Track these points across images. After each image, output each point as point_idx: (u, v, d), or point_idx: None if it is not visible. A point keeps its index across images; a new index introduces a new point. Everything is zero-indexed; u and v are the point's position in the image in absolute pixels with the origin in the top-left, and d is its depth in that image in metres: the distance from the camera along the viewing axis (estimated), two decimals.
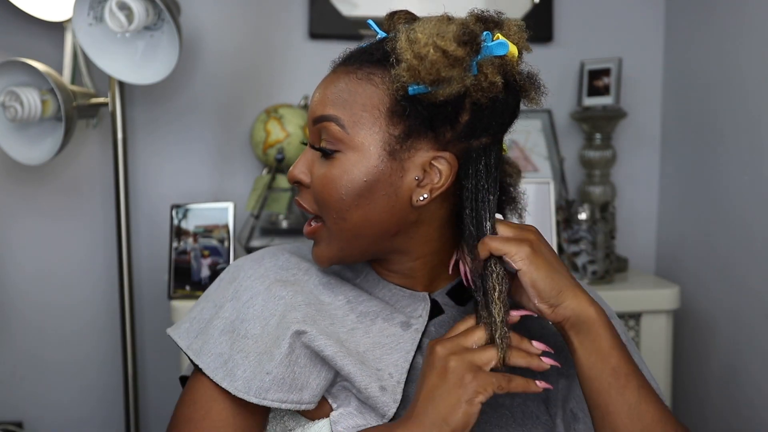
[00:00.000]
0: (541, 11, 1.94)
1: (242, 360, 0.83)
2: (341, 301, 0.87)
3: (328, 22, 1.87)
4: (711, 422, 1.80)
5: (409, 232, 0.85)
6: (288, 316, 0.84)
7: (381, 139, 0.80)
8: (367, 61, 0.83)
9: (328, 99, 0.83)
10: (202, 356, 0.85)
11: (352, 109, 0.81)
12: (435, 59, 0.76)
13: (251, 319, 0.85)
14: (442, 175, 0.81)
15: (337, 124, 0.81)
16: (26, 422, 1.87)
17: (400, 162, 0.81)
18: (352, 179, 0.81)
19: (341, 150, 0.81)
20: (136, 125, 1.85)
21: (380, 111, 0.81)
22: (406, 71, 0.77)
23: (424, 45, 0.76)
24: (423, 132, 0.81)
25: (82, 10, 1.53)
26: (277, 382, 0.81)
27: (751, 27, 1.63)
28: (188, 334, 0.89)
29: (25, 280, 1.85)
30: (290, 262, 0.91)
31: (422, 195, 0.81)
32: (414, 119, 0.80)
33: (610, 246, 1.73)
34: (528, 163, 1.92)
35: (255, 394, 0.81)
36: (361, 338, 0.85)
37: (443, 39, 0.76)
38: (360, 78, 0.82)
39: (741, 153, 1.67)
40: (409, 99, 0.79)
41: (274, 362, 0.81)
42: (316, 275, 0.90)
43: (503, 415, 0.85)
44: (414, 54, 0.77)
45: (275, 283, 0.87)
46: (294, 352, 0.82)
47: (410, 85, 0.78)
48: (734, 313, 1.71)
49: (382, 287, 0.89)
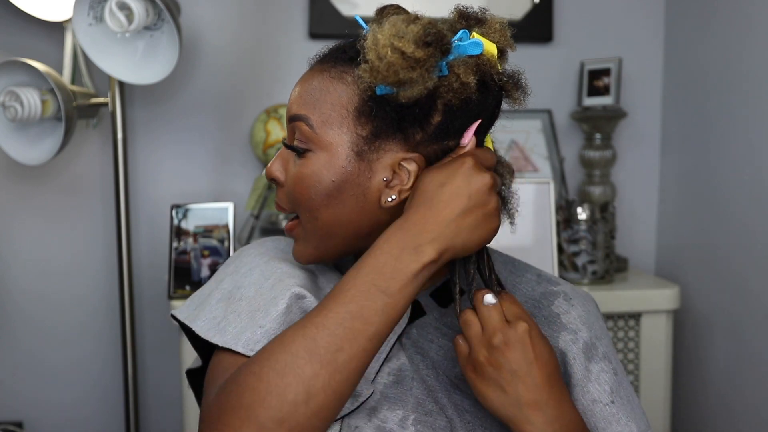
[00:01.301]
0: (541, 11, 1.94)
1: (234, 318, 0.82)
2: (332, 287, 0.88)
3: (328, 22, 1.88)
4: (711, 422, 1.80)
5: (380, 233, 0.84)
6: (286, 280, 0.83)
7: (349, 140, 0.80)
8: (340, 59, 0.82)
9: (301, 98, 0.82)
10: (197, 321, 0.84)
11: (321, 109, 0.81)
12: (392, 60, 0.75)
13: (247, 285, 0.85)
14: (410, 177, 0.80)
15: (306, 124, 0.81)
16: (26, 422, 1.87)
17: (368, 163, 0.80)
18: (321, 179, 0.80)
19: (312, 149, 0.81)
20: (136, 125, 1.85)
21: (348, 111, 0.80)
22: (368, 72, 0.76)
23: (383, 46, 0.75)
24: (391, 133, 0.80)
25: (82, 10, 1.53)
26: (267, 336, 0.79)
27: (751, 27, 1.63)
28: (188, 308, 0.88)
29: (25, 280, 1.85)
30: (291, 247, 0.92)
31: (391, 196, 0.81)
32: (381, 120, 0.79)
33: (610, 246, 1.73)
34: (528, 163, 1.92)
35: (243, 345, 0.79)
36: None
37: (401, 40, 0.75)
38: (332, 77, 0.81)
39: (741, 153, 1.67)
40: (376, 99, 0.79)
41: (269, 318, 0.80)
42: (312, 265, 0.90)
43: (487, 415, 0.83)
44: (375, 55, 0.76)
45: (274, 258, 0.87)
46: (290, 313, 0.81)
47: (377, 86, 0.77)
48: (734, 313, 1.71)
49: None
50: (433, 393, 0.84)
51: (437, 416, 0.83)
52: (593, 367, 0.87)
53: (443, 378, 0.85)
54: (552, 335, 0.88)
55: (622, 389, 0.88)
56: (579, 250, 1.70)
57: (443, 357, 0.86)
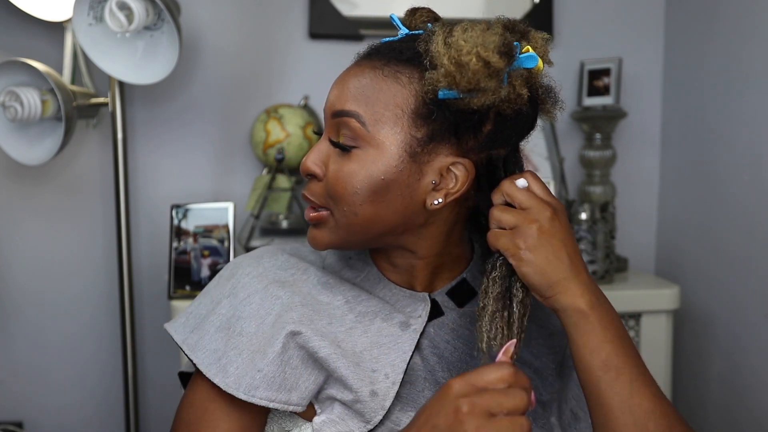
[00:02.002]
0: (541, 11, 1.94)
1: (236, 357, 0.82)
2: (340, 301, 0.87)
3: (328, 22, 1.87)
4: (711, 422, 1.80)
5: (416, 233, 0.84)
6: (284, 316, 0.83)
7: (402, 140, 0.79)
8: (395, 58, 0.81)
9: (350, 93, 0.81)
10: (198, 352, 0.85)
11: (374, 107, 0.80)
12: (477, 69, 0.75)
13: (247, 317, 0.85)
14: (458, 181, 0.81)
15: (357, 121, 0.80)
16: (26, 422, 1.87)
17: (419, 165, 0.80)
18: (370, 176, 0.80)
19: (360, 147, 0.80)
20: (136, 125, 1.85)
21: (404, 111, 0.79)
22: (444, 77, 0.76)
23: (467, 53, 0.75)
24: (446, 137, 0.80)
25: (82, 10, 1.53)
26: (267, 381, 0.81)
27: (751, 27, 1.63)
28: (184, 328, 0.89)
29: (25, 280, 1.85)
30: (289, 262, 0.90)
31: (437, 199, 0.81)
32: (439, 124, 0.79)
33: (610, 246, 1.73)
34: (528, 163, 1.92)
35: (244, 390, 0.81)
36: (359, 337, 0.84)
37: (486, 49, 0.75)
38: (386, 75, 0.80)
39: (741, 153, 1.67)
40: (437, 103, 0.78)
41: (266, 360, 0.81)
42: (314, 275, 0.89)
43: None
44: (454, 60, 0.76)
45: (273, 283, 0.87)
46: (287, 352, 0.82)
47: (441, 90, 0.77)
48: (734, 313, 1.71)
49: (382, 287, 0.89)
50: None
51: None
52: None
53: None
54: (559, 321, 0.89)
55: None
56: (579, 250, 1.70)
57: (457, 359, 0.87)
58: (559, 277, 0.79)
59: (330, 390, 0.84)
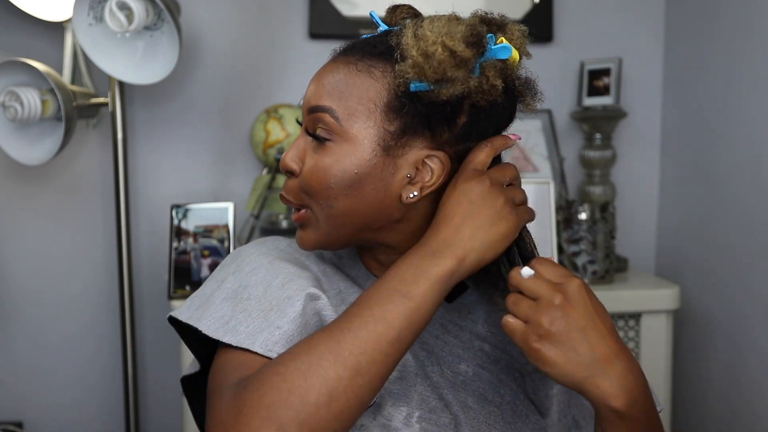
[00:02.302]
0: (541, 11, 1.94)
1: (245, 318, 0.80)
2: (335, 291, 0.87)
3: (328, 22, 1.88)
4: (711, 422, 1.80)
5: (394, 228, 0.84)
6: (297, 281, 0.83)
7: (375, 134, 0.80)
8: (368, 53, 0.82)
9: (325, 89, 0.82)
10: (203, 320, 0.82)
11: (347, 101, 0.80)
12: (443, 58, 0.76)
13: (254, 285, 0.83)
14: (433, 174, 0.81)
15: (331, 116, 0.80)
16: (26, 422, 1.87)
17: (393, 158, 0.80)
18: (343, 169, 0.80)
19: (334, 141, 0.81)
20: (136, 125, 1.85)
21: (376, 105, 0.80)
22: (412, 68, 0.77)
23: (432, 43, 0.76)
24: (420, 130, 0.80)
25: (82, 10, 1.53)
26: (286, 338, 0.78)
27: (751, 27, 1.63)
28: (189, 309, 0.86)
29: (25, 279, 1.85)
30: (292, 246, 0.91)
31: (413, 192, 0.81)
32: (412, 116, 0.80)
33: (610, 246, 1.73)
34: (528, 163, 1.92)
35: (261, 345, 0.78)
36: None
37: (452, 38, 0.76)
38: (359, 70, 0.81)
39: (741, 153, 1.67)
40: (409, 96, 0.79)
41: (286, 318, 0.79)
42: (314, 263, 0.90)
43: (492, 412, 0.85)
44: (421, 51, 0.76)
45: (278, 259, 0.87)
46: (305, 315, 0.81)
47: (412, 82, 0.78)
48: (734, 313, 1.71)
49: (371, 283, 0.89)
50: (438, 389, 0.84)
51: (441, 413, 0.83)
52: None
53: (448, 374, 0.85)
54: None
55: None
56: (579, 250, 1.70)
57: (448, 353, 0.87)
58: (584, 375, 0.72)
59: None
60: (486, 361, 0.88)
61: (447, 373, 0.86)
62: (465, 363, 0.87)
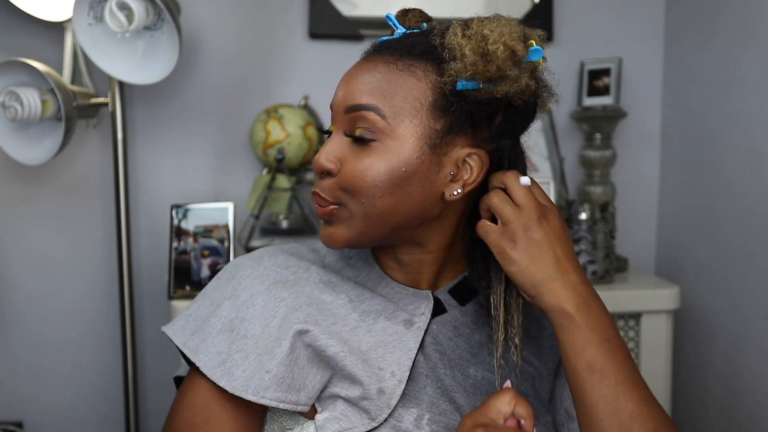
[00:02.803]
0: (541, 11, 1.94)
1: (242, 360, 0.82)
2: (343, 300, 0.87)
3: (328, 22, 1.87)
4: (711, 422, 1.80)
5: (430, 226, 0.85)
6: (290, 317, 0.83)
7: (422, 132, 0.80)
8: (407, 53, 0.82)
9: (366, 88, 0.81)
10: (200, 355, 0.84)
11: (392, 100, 0.80)
12: (505, 57, 0.77)
13: (251, 319, 0.84)
14: (473, 172, 0.82)
15: (377, 114, 0.80)
16: (26, 422, 1.87)
17: (438, 156, 0.81)
18: (391, 168, 0.80)
19: (379, 139, 0.81)
20: (136, 125, 1.85)
21: (422, 104, 0.80)
22: (470, 66, 0.78)
23: (494, 42, 0.77)
24: (464, 128, 0.82)
25: (82, 10, 1.53)
26: (276, 381, 0.80)
27: (751, 27, 1.63)
28: (184, 331, 0.88)
29: (24, 279, 1.85)
30: (289, 260, 0.90)
31: (456, 190, 0.82)
32: (457, 115, 0.81)
33: (610, 246, 1.73)
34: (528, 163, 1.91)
35: (253, 392, 0.80)
36: (364, 337, 0.84)
37: (512, 38, 0.78)
38: (400, 69, 0.81)
39: (741, 153, 1.67)
40: (456, 94, 0.80)
41: (275, 361, 0.81)
42: (316, 273, 0.89)
43: None
44: (479, 51, 0.78)
45: (275, 284, 0.86)
46: (294, 352, 0.81)
47: (459, 81, 0.79)
48: (734, 313, 1.71)
49: (385, 285, 0.89)
50: (449, 392, 0.85)
51: (452, 416, 0.84)
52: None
53: (459, 377, 0.86)
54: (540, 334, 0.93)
55: None
56: (579, 250, 1.70)
57: (459, 356, 0.87)
58: (542, 277, 0.80)
59: (333, 388, 0.83)
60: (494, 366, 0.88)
61: (458, 376, 0.86)
62: (474, 367, 0.88)
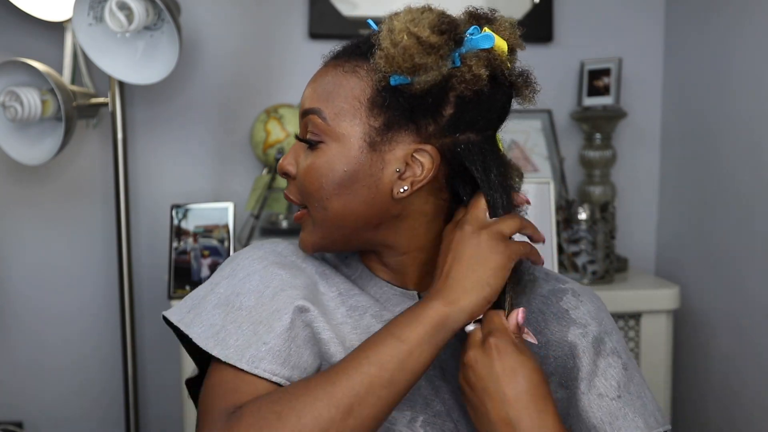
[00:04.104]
0: (541, 11, 1.94)
1: (235, 330, 0.81)
2: (333, 293, 0.87)
3: (328, 22, 1.87)
4: (711, 422, 1.80)
5: (393, 226, 0.84)
6: (288, 291, 0.83)
7: (362, 131, 0.81)
8: (354, 54, 0.84)
9: (315, 93, 0.84)
10: (194, 327, 0.83)
11: (334, 102, 0.82)
12: (408, 45, 0.76)
13: (246, 293, 0.83)
14: (423, 168, 0.81)
15: (319, 117, 0.82)
16: (26, 422, 1.87)
17: (381, 154, 0.81)
18: (333, 169, 0.81)
19: (324, 141, 0.82)
20: (136, 125, 1.85)
21: (361, 102, 0.81)
22: (383, 59, 0.78)
23: (399, 31, 0.77)
24: (404, 124, 0.81)
25: (82, 10, 1.53)
26: (272, 354, 0.79)
27: (750, 27, 1.63)
28: (180, 310, 0.87)
29: (25, 279, 1.85)
30: (288, 249, 0.91)
31: (403, 187, 0.81)
32: (394, 111, 0.80)
33: (610, 246, 1.73)
34: (528, 163, 1.92)
35: (248, 361, 0.78)
36: (349, 333, 0.84)
37: (417, 25, 0.77)
38: (346, 71, 0.83)
39: (740, 153, 1.67)
40: (390, 90, 0.80)
41: (273, 333, 0.80)
42: (312, 265, 0.89)
43: None
44: (390, 42, 0.78)
45: (273, 264, 0.87)
46: (294, 328, 0.81)
47: (392, 76, 0.79)
48: (734, 313, 1.71)
49: (373, 284, 0.89)
50: (440, 393, 0.84)
51: (446, 418, 0.83)
52: (601, 362, 0.87)
53: (450, 378, 0.85)
54: (561, 330, 0.89)
55: (632, 384, 0.88)
56: (579, 250, 1.70)
57: (450, 355, 0.86)
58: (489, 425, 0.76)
59: None
60: None
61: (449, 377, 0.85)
62: None
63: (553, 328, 0.89)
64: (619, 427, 0.85)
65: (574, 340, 0.87)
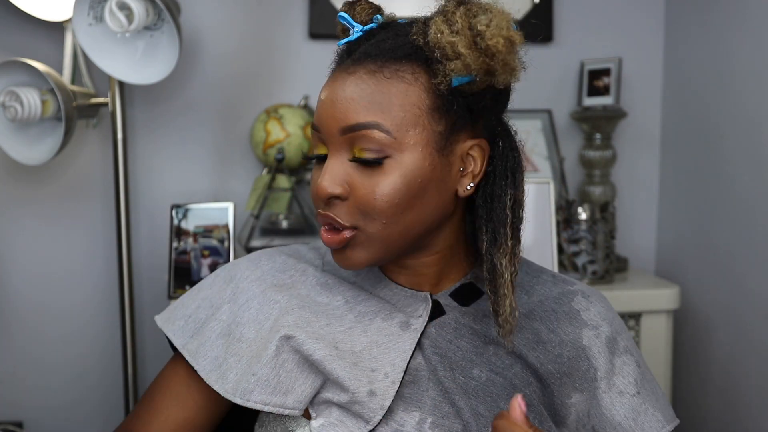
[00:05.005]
0: (541, 11, 1.94)
1: (235, 363, 0.83)
2: (339, 301, 0.87)
3: (328, 22, 1.87)
4: (710, 422, 1.80)
5: (443, 225, 0.85)
6: (280, 320, 0.84)
7: (427, 138, 0.78)
8: (391, 57, 0.78)
9: (358, 104, 0.77)
10: (199, 359, 0.86)
11: (391, 112, 0.77)
12: (506, 50, 0.75)
13: (246, 323, 0.85)
14: (477, 162, 0.82)
15: (380, 131, 0.77)
16: (26, 422, 1.87)
17: (446, 156, 0.80)
18: (408, 182, 0.77)
19: (390, 155, 0.77)
20: (136, 125, 1.85)
21: (420, 109, 0.78)
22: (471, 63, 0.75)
23: (491, 37, 0.74)
24: (465, 124, 0.80)
25: (82, 10, 1.53)
26: (261, 384, 0.81)
27: (750, 27, 1.63)
28: (183, 332, 0.89)
29: (25, 279, 1.85)
30: (287, 263, 0.91)
31: (468, 184, 0.82)
32: (459, 112, 0.79)
33: (610, 246, 1.73)
34: (528, 163, 1.92)
35: (240, 395, 0.81)
36: (359, 337, 0.84)
37: (509, 29, 0.75)
38: (388, 77, 0.78)
39: (741, 153, 1.67)
40: (453, 92, 0.78)
41: (260, 364, 0.82)
42: (313, 276, 0.89)
43: None
44: (475, 47, 0.74)
45: (271, 287, 0.87)
46: (281, 355, 0.82)
47: (455, 78, 0.76)
48: (734, 313, 1.71)
49: (383, 286, 0.89)
50: (450, 395, 0.84)
51: (454, 419, 0.83)
52: (617, 360, 0.89)
53: (460, 379, 0.85)
54: (574, 331, 0.89)
55: (645, 381, 0.91)
56: (579, 250, 1.70)
57: (461, 358, 0.86)
58: None
59: (326, 394, 0.83)
60: (499, 367, 0.87)
61: (459, 378, 0.85)
62: (478, 368, 0.86)
63: (566, 328, 0.90)
64: (642, 422, 0.88)
65: (588, 342, 0.88)
